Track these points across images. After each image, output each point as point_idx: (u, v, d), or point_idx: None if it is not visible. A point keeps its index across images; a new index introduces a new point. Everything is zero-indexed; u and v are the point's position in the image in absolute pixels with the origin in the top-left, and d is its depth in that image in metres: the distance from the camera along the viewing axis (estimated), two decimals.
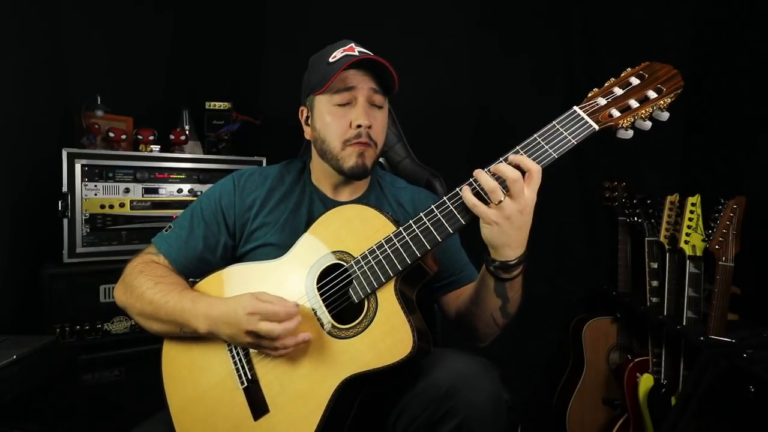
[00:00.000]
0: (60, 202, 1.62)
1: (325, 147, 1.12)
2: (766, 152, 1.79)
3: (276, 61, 2.16)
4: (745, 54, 1.92)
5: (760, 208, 1.66)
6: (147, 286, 1.05)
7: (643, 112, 0.93)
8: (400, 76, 1.09)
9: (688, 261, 1.72)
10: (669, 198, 1.86)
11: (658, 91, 0.94)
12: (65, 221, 1.63)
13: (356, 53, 1.09)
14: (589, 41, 2.21)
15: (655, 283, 1.93)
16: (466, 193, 0.90)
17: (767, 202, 1.67)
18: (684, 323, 1.72)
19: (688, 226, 1.72)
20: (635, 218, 2.00)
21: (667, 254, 1.86)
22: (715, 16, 2.11)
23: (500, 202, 0.86)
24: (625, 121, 0.92)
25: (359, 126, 1.08)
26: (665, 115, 0.94)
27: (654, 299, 1.92)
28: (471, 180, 0.91)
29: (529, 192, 0.87)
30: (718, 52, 2.06)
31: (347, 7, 2.16)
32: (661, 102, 0.93)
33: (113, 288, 1.20)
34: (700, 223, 1.72)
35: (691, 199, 1.73)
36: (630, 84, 0.96)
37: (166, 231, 1.16)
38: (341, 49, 1.11)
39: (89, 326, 1.63)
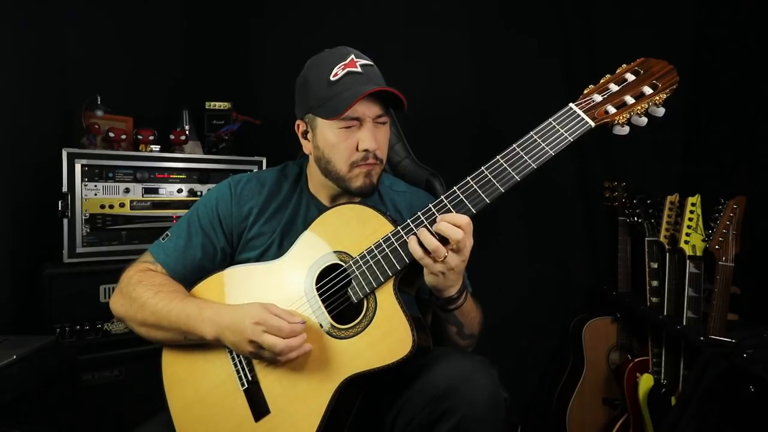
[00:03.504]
0: (60, 202, 1.62)
1: (330, 168, 1.10)
2: (766, 152, 1.79)
3: (276, 61, 2.16)
4: (745, 54, 1.92)
5: (760, 208, 1.66)
6: (147, 296, 1.05)
7: (639, 108, 0.93)
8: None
9: (688, 261, 1.72)
10: (669, 198, 1.86)
11: (653, 87, 0.94)
12: (65, 221, 1.63)
13: (358, 69, 1.05)
14: (591, 41, 2.21)
15: (655, 283, 1.93)
16: (413, 244, 0.92)
17: (767, 202, 1.67)
18: (684, 323, 1.72)
19: (688, 226, 1.72)
20: (635, 218, 2.00)
21: (667, 254, 1.85)
22: (717, 15, 2.11)
23: (445, 257, 0.90)
24: (621, 118, 0.93)
25: (366, 150, 1.06)
26: (661, 111, 0.95)
27: (654, 299, 1.92)
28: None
29: (469, 242, 0.91)
30: (718, 51, 2.06)
31: (348, 8, 2.16)
32: (657, 98, 0.93)
33: (113, 288, 1.19)
34: (700, 223, 1.72)
35: (691, 199, 1.73)
36: (625, 80, 0.96)
37: (164, 239, 1.15)
38: (342, 65, 1.05)
39: (89, 326, 1.63)
